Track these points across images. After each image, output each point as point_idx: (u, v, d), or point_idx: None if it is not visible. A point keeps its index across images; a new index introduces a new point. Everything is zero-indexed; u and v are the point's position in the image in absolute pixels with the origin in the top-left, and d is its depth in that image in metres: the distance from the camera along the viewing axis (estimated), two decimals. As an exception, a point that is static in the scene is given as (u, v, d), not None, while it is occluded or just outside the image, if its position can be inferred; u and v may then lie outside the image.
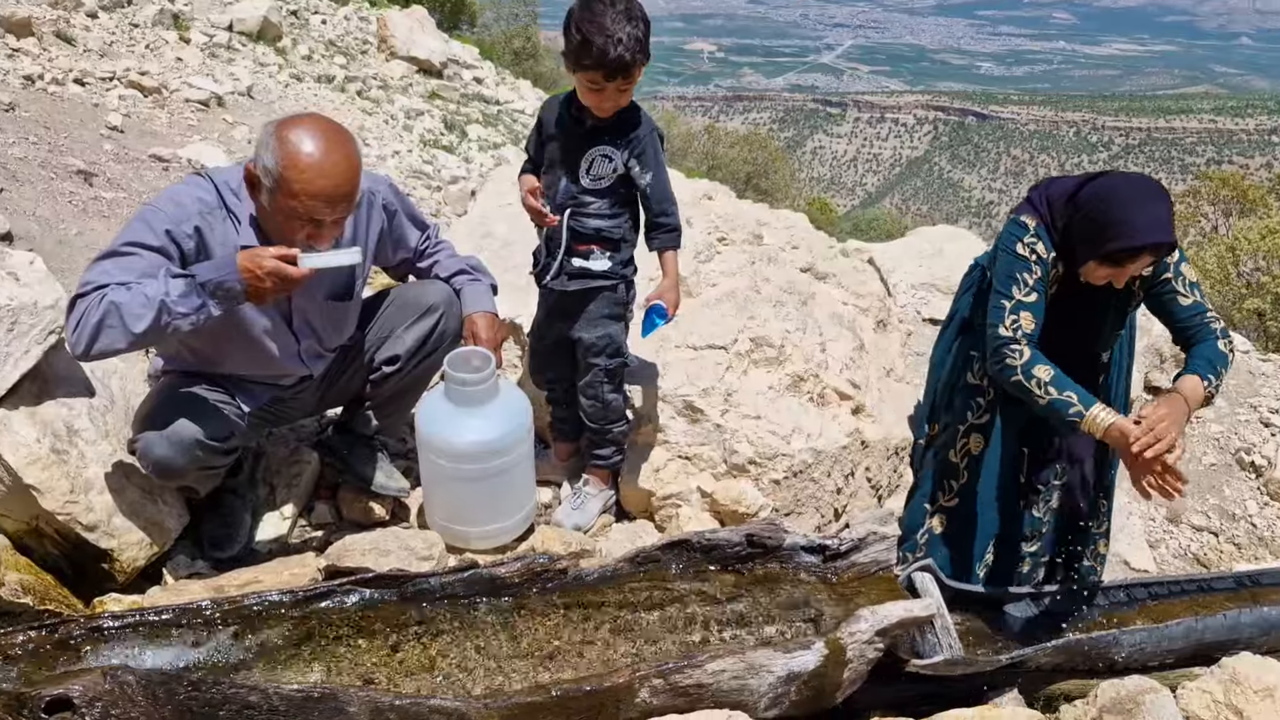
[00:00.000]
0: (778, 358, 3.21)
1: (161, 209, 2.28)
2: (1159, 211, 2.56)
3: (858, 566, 2.55)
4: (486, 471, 2.71)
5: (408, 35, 13.39)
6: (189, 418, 2.35)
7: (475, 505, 2.78)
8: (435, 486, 2.81)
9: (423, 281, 2.83)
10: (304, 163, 2.19)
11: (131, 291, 2.12)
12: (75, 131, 5.24)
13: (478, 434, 2.68)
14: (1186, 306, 2.74)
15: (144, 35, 8.27)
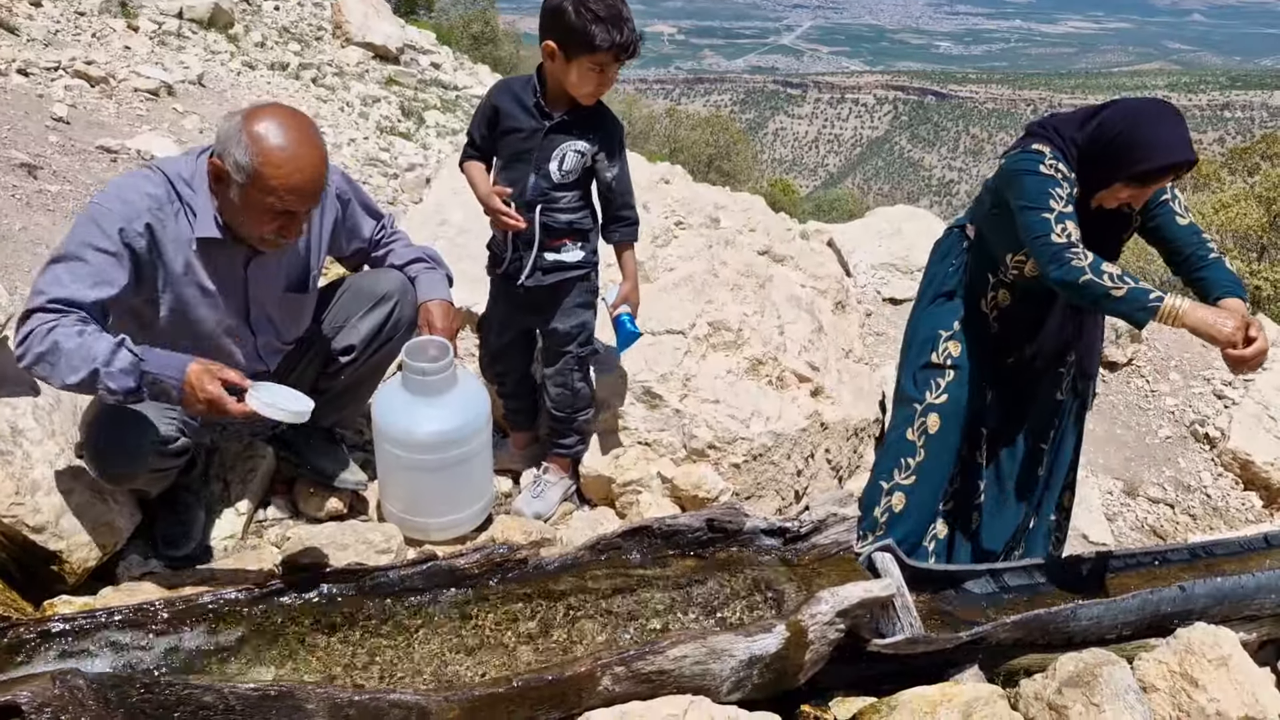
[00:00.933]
0: (736, 341, 3.21)
1: (110, 208, 2.21)
2: (1182, 130, 2.65)
3: (818, 548, 2.55)
4: (445, 462, 2.69)
5: (363, 21, 13.23)
6: (139, 422, 2.30)
7: (434, 496, 2.76)
8: (393, 477, 2.78)
9: (377, 270, 2.79)
10: (279, 158, 2.17)
11: (79, 340, 2.07)
12: (19, 123, 5.12)
13: (437, 424, 2.65)
14: (1185, 227, 2.82)
15: (90, 23, 8.10)
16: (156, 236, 2.27)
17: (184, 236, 2.31)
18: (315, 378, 2.81)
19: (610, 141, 2.76)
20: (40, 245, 3.71)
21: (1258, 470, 4.77)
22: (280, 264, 2.51)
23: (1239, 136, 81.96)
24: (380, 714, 1.89)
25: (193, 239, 2.31)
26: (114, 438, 2.29)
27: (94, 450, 2.30)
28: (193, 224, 2.32)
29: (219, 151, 2.24)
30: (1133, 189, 2.68)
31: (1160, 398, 5.23)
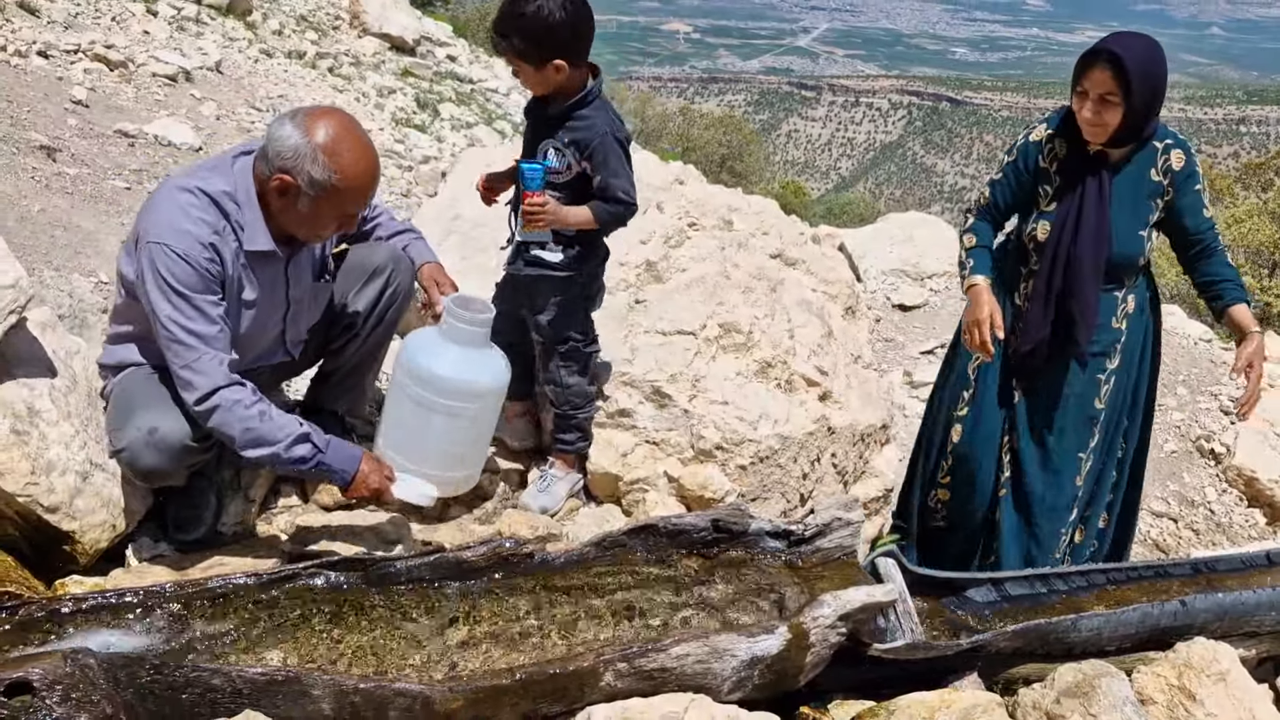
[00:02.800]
0: (746, 344, 3.22)
1: (179, 248, 2.27)
2: (1127, 36, 2.83)
3: (822, 552, 2.57)
4: (462, 411, 2.66)
5: (380, 11, 13.24)
6: (173, 420, 2.35)
7: (439, 445, 2.70)
8: (403, 419, 2.71)
9: (367, 244, 2.83)
10: (355, 171, 2.31)
11: (260, 425, 2.33)
12: (38, 105, 5.15)
13: (469, 371, 2.63)
14: (1207, 218, 2.96)
15: (110, 7, 8.13)
16: (220, 254, 2.34)
17: (237, 251, 2.38)
18: (318, 357, 2.85)
19: (592, 151, 2.74)
20: (58, 228, 3.74)
21: (1262, 487, 4.78)
22: (310, 259, 2.59)
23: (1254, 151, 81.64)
24: (385, 702, 1.91)
25: (247, 251, 2.38)
26: (150, 436, 2.33)
27: (131, 454, 2.34)
28: (242, 239, 2.37)
29: (288, 169, 2.29)
30: (1078, 99, 2.84)
31: (1166, 412, 5.24)
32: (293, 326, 2.63)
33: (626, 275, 3.42)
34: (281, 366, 2.79)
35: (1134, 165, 2.93)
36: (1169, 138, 2.93)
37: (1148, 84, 2.77)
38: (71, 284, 3.19)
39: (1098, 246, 2.94)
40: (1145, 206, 2.94)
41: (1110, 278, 3.02)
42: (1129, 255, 2.98)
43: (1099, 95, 2.77)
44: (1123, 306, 3.07)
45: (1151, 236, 2.98)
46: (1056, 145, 3.01)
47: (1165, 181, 2.91)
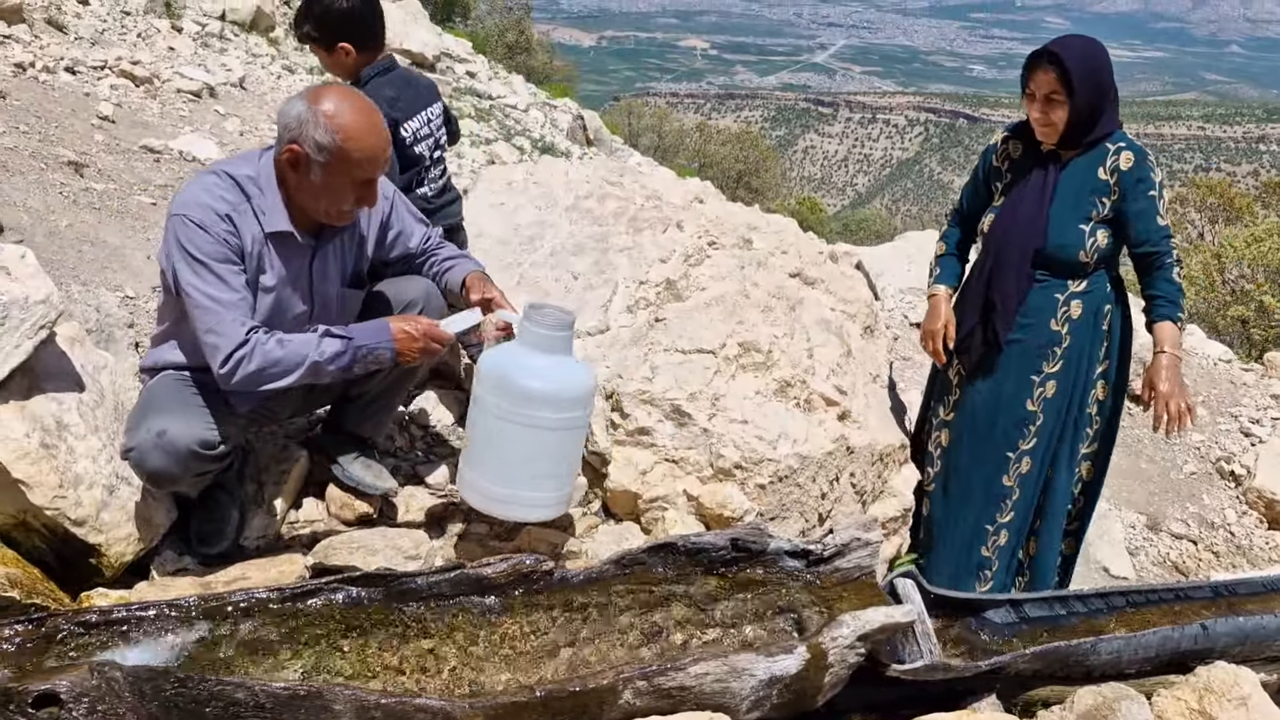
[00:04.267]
0: (765, 363, 3.23)
1: (197, 218, 2.34)
2: (1068, 38, 2.99)
3: (841, 572, 2.57)
4: (570, 422, 2.58)
5: (400, 27, 13.34)
6: (183, 425, 2.37)
7: (560, 462, 2.63)
8: (506, 445, 2.56)
9: (403, 276, 2.85)
10: (357, 130, 2.33)
11: (283, 349, 2.36)
12: (66, 121, 5.22)
13: (586, 376, 2.60)
14: (1160, 226, 2.99)
15: (136, 23, 8.23)
16: (239, 229, 2.39)
17: (257, 233, 2.42)
18: (344, 384, 2.86)
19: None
20: (85, 243, 3.78)
21: (1283, 509, 4.75)
22: (339, 260, 2.62)
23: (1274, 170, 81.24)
24: (406, 718, 1.92)
25: (265, 232, 2.42)
26: (158, 439, 2.34)
27: (139, 454, 2.36)
28: (263, 221, 2.42)
29: (294, 138, 2.35)
30: (1028, 100, 2.98)
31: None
32: (319, 326, 2.64)
33: (646, 294, 3.44)
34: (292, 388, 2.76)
35: (1083, 160, 3.01)
36: (1123, 141, 3.00)
37: (1090, 81, 2.88)
38: (98, 299, 3.22)
39: (1028, 235, 3.04)
40: (1087, 202, 3.00)
41: (1047, 270, 3.08)
42: (1063, 246, 3.02)
43: (1044, 95, 2.92)
44: (1064, 309, 3.09)
45: (1096, 234, 3.00)
46: (1010, 146, 3.18)
47: (1111, 181, 2.97)
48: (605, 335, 3.30)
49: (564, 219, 3.81)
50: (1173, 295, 3.01)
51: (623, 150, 15.89)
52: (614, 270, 3.51)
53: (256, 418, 2.74)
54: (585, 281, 3.49)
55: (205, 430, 2.40)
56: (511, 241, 3.70)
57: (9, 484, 2.34)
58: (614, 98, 63.37)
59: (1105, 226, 3.01)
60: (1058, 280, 3.08)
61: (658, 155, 24.61)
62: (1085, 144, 3.00)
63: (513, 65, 20.97)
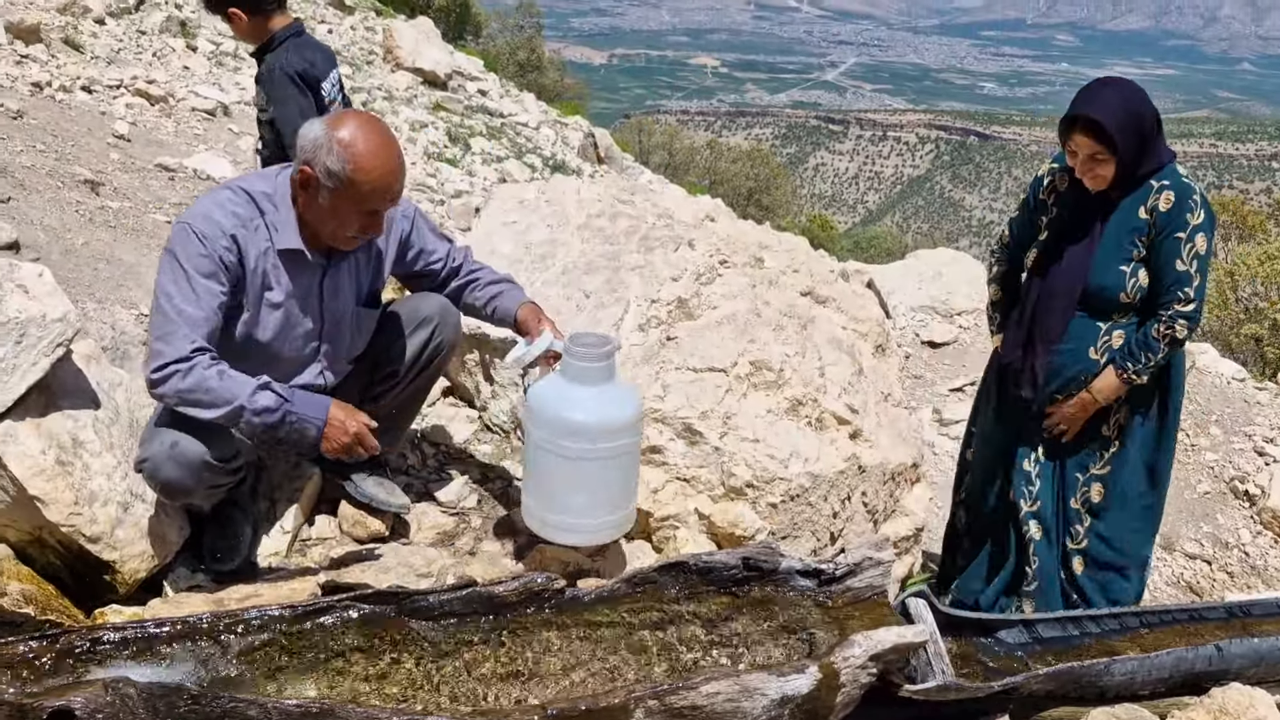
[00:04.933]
0: (777, 381, 3.24)
1: (200, 229, 2.34)
2: (1101, 92, 2.86)
3: (852, 591, 2.57)
4: (620, 450, 2.61)
5: (413, 46, 13.46)
6: (196, 437, 2.37)
7: (608, 491, 2.66)
8: (579, 479, 2.62)
9: (420, 294, 2.86)
10: (369, 163, 2.33)
11: (219, 381, 2.29)
12: (82, 140, 5.27)
13: (628, 405, 2.61)
14: (1178, 272, 2.90)
15: (151, 43, 8.32)
16: (242, 248, 2.39)
17: (266, 249, 2.43)
18: (359, 400, 2.87)
19: (260, 78, 3.36)
20: (101, 261, 3.81)
21: (1298, 529, 4.72)
22: (353, 279, 2.62)
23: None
24: (418, 736, 1.92)
25: (276, 248, 2.43)
26: (171, 450, 2.35)
27: (153, 465, 2.37)
28: (274, 238, 2.43)
29: (308, 160, 2.36)
30: (1070, 157, 2.90)
31: (1200, 452, 5.19)
32: (330, 345, 2.65)
33: (658, 312, 3.45)
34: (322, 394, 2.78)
35: (1128, 201, 2.95)
36: (1168, 178, 2.92)
37: (1131, 134, 2.81)
38: (114, 316, 3.25)
39: (1074, 278, 3.00)
40: (1128, 243, 2.95)
41: (1090, 309, 3.04)
42: (1104, 288, 2.98)
43: (1087, 155, 2.84)
44: (1105, 339, 3.05)
45: (1137, 275, 2.96)
46: (1057, 180, 3.11)
47: (1150, 220, 2.91)
48: (617, 354, 3.31)
49: (576, 237, 3.82)
50: (1134, 349, 2.97)
51: (634, 168, 15.95)
52: (626, 289, 3.52)
53: None
54: (597, 300, 3.50)
55: (217, 443, 2.41)
56: (523, 260, 3.71)
57: (25, 500, 2.36)
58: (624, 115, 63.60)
59: (1145, 266, 2.96)
60: (1100, 315, 3.05)
61: (668, 173, 24.71)
62: (1134, 182, 2.94)
63: (524, 83, 21.10)
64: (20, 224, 3.69)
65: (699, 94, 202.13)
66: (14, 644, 2.05)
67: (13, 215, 3.76)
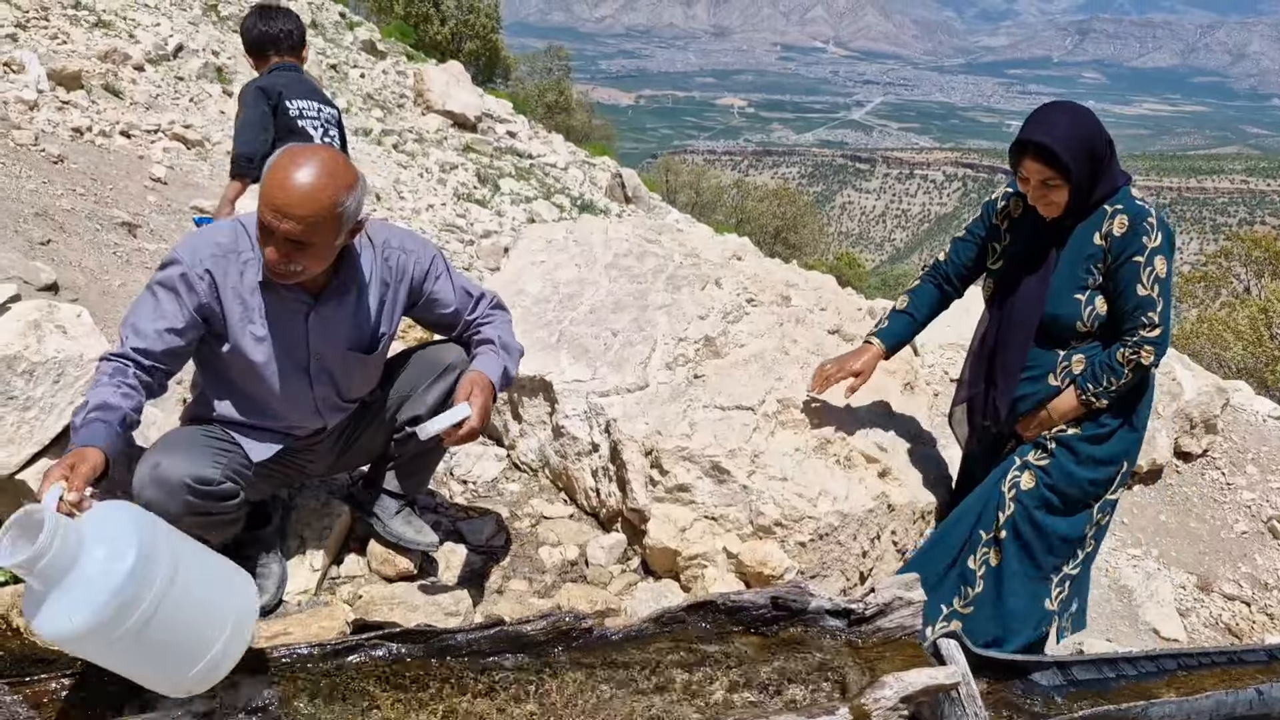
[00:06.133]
0: (805, 420, 3.23)
1: (179, 256, 2.37)
2: (1050, 116, 2.78)
3: (883, 631, 2.54)
4: (140, 622, 1.91)
5: (444, 89, 13.66)
6: (178, 460, 2.36)
7: (163, 654, 2.00)
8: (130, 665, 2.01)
9: (442, 342, 2.85)
10: (271, 178, 2.27)
11: (94, 390, 2.22)
12: (120, 183, 5.38)
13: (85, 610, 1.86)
14: (1139, 297, 2.79)
15: (188, 88, 8.50)
16: (217, 281, 2.38)
17: (249, 282, 2.42)
18: (384, 446, 2.89)
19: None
20: (137, 301, 3.88)
21: (1339, 570, 4.62)
22: (344, 320, 2.56)
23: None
24: (446, 777, 1.91)
25: (254, 285, 2.42)
26: (153, 471, 2.34)
27: (137, 486, 2.35)
28: (259, 270, 2.42)
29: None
30: (1022, 184, 2.83)
31: (1236, 491, 5.11)
32: (320, 385, 2.61)
33: (685, 350, 3.46)
34: (319, 435, 2.77)
35: (1082, 227, 2.85)
36: (1121, 202, 2.81)
37: (1083, 158, 2.73)
38: (149, 356, 3.29)
39: (1030, 308, 2.91)
40: (1082, 271, 2.84)
41: (1049, 340, 2.94)
42: (1059, 317, 2.88)
43: (1039, 182, 2.77)
44: (1064, 365, 2.93)
45: (1094, 303, 2.85)
46: (1011, 205, 3.02)
47: (1104, 246, 2.81)
48: (645, 392, 3.31)
49: (603, 276, 3.85)
50: (1097, 371, 2.86)
51: (661, 207, 16.05)
52: (653, 327, 3.54)
53: (278, 472, 2.74)
54: (625, 338, 3.51)
55: (202, 467, 2.37)
56: (551, 299, 3.74)
57: (60, 537, 2.38)
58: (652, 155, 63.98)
59: (1102, 294, 2.86)
60: (1058, 344, 2.94)
61: (695, 212, 24.84)
62: (1088, 208, 2.85)
63: (552, 124, 21.35)
64: (59, 266, 3.76)
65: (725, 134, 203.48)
66: (46, 680, 2.07)
67: (52, 257, 3.84)
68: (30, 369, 2.44)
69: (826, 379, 3.21)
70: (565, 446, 3.40)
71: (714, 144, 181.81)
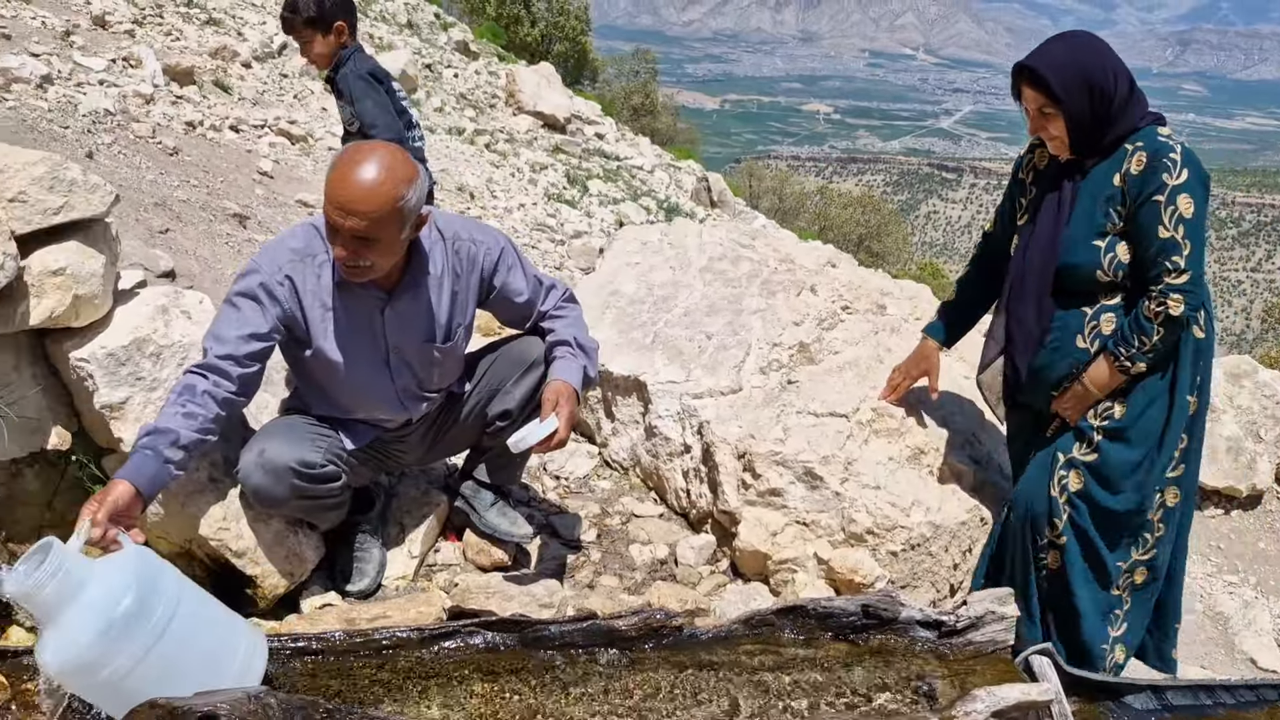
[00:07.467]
0: (899, 429, 3.22)
1: (259, 264, 2.45)
2: (1049, 43, 2.71)
3: (974, 645, 2.52)
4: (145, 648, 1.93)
5: (535, 90, 13.83)
6: (283, 445, 2.47)
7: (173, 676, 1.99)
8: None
9: (527, 337, 2.89)
10: (332, 173, 2.32)
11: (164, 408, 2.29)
12: (230, 176, 5.57)
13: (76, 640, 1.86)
14: (1161, 240, 2.58)
15: (292, 85, 8.76)
16: (296, 285, 2.46)
17: (325, 283, 2.49)
18: (475, 439, 2.96)
19: (341, 90, 3.61)
20: (246, 290, 4.02)
21: None
22: (419, 313, 2.62)
23: None
24: (541, 763, 1.96)
25: (331, 285, 2.49)
26: (260, 457, 2.46)
27: (244, 472, 2.47)
28: (334, 271, 2.49)
29: None
30: (1026, 114, 2.74)
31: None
32: (400, 377, 2.67)
33: (779, 355, 3.47)
34: (410, 429, 2.84)
35: (1102, 167, 2.69)
36: (1143, 139, 2.63)
37: (1077, 85, 2.60)
38: (259, 343, 3.41)
39: (1045, 256, 2.75)
40: (1101, 215, 2.66)
41: (1069, 294, 2.74)
42: (1077, 266, 2.69)
43: (1035, 110, 2.67)
44: (1093, 324, 2.73)
45: (1114, 250, 2.66)
46: (1037, 156, 2.89)
47: (1123, 186, 2.63)
48: (738, 395, 3.34)
49: (698, 280, 3.88)
50: (1127, 332, 2.65)
51: (747, 212, 16.03)
52: (747, 331, 3.56)
53: (372, 459, 2.82)
54: (719, 342, 3.54)
55: (305, 451, 2.49)
56: (645, 300, 3.78)
57: (180, 514, 2.50)
58: (735, 160, 63.81)
59: (1124, 240, 2.65)
60: (1081, 299, 2.74)
61: (778, 217, 24.74)
62: (1106, 147, 2.68)
63: (638, 127, 21.44)
64: (176, 254, 3.91)
65: (810, 140, 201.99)
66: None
67: (170, 245, 4.00)
68: (157, 351, 2.56)
69: (894, 388, 3.27)
70: (657, 446, 3.43)
71: (798, 149, 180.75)
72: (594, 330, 3.07)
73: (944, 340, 3.22)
